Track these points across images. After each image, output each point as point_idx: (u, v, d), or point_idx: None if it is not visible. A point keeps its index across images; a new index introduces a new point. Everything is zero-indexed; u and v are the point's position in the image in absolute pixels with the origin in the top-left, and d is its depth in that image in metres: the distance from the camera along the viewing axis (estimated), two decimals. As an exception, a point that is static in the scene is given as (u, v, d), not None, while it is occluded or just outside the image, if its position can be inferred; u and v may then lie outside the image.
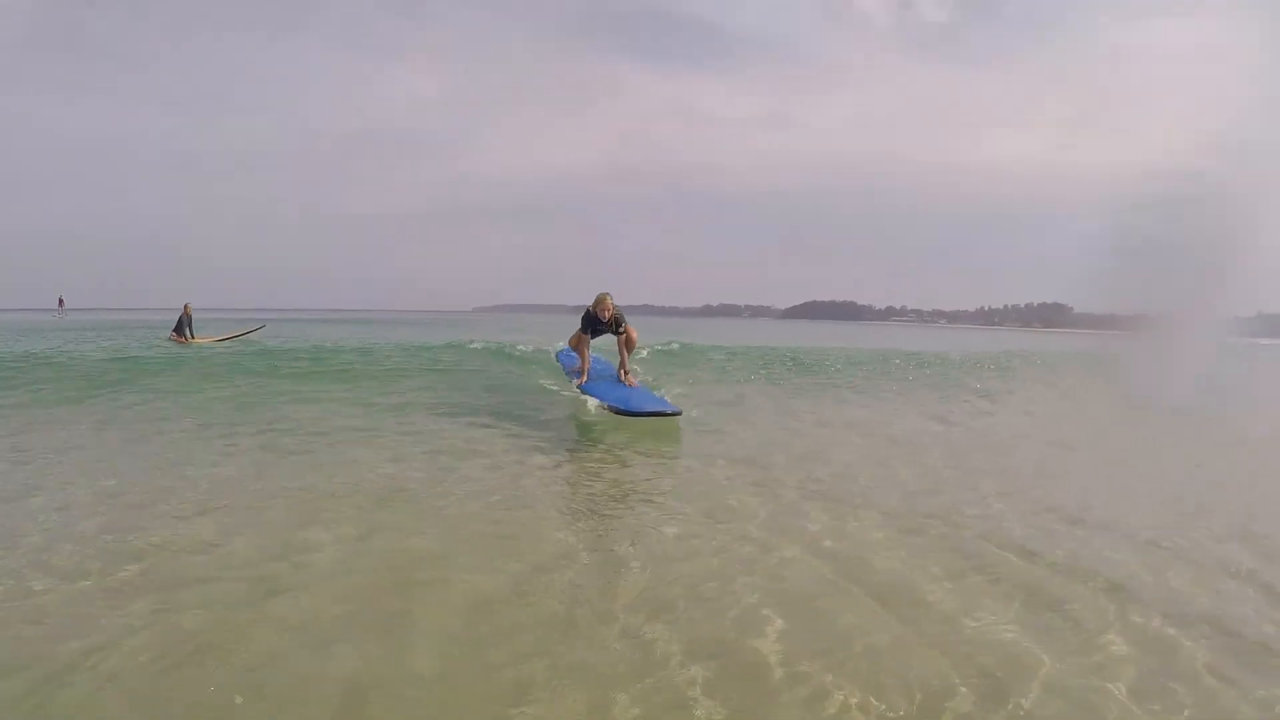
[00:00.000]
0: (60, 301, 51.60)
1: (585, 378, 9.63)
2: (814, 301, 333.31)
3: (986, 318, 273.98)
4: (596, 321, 9.10)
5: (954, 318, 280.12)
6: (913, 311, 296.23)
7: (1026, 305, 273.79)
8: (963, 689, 2.75)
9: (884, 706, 2.62)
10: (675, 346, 16.50)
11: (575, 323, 9.58)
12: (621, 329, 9.15)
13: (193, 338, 19.83)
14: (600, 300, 8.99)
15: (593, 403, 8.73)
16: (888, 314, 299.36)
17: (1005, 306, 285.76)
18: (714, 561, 3.89)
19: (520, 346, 14.96)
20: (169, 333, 20.68)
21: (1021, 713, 2.62)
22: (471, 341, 15.13)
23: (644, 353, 14.17)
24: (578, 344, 9.71)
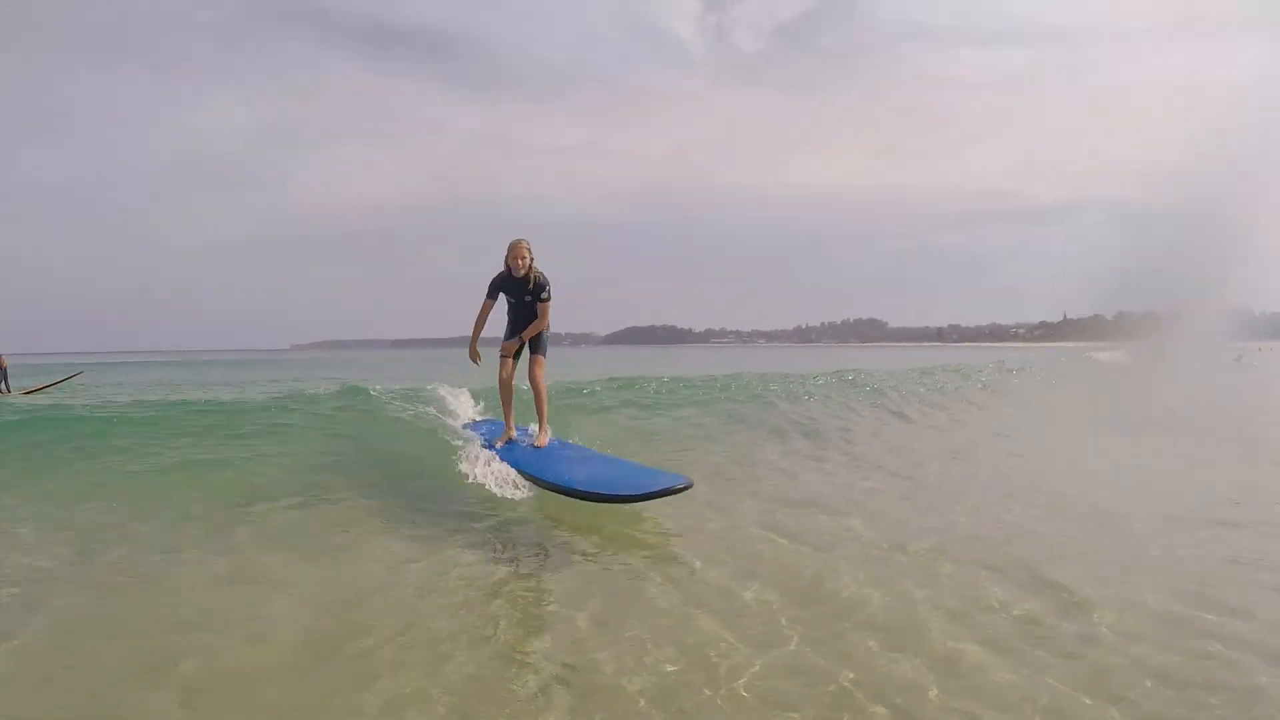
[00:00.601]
0: None
1: (510, 424, 7.13)
2: (634, 327, 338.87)
3: (804, 335, 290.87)
4: (508, 280, 6.72)
5: (773, 337, 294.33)
6: (732, 333, 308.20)
7: (843, 322, 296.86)
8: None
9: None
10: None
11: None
12: (545, 295, 6.75)
13: (8, 390, 18.80)
14: (514, 247, 6.62)
15: (506, 474, 6.47)
16: (707, 336, 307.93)
17: (822, 324, 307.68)
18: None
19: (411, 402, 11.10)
20: None
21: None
22: (371, 388, 10.22)
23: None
24: (479, 324, 6.94)
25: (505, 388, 6.98)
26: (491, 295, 6.75)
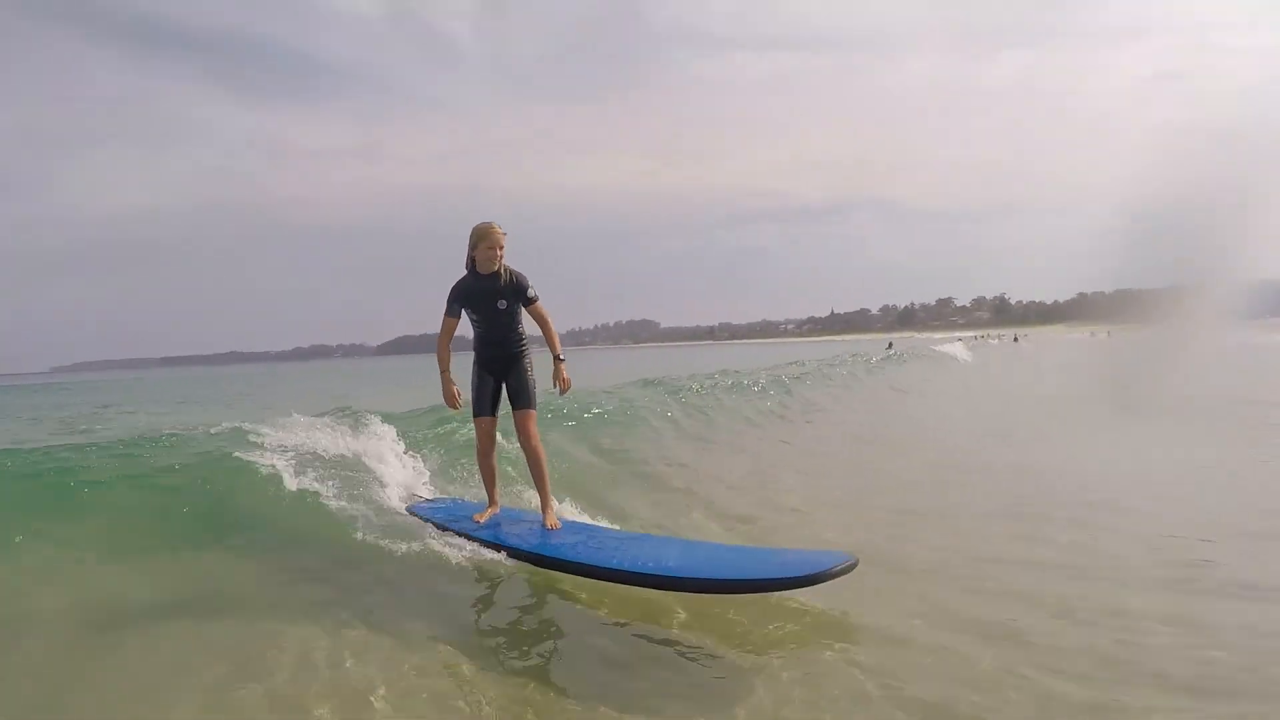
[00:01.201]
0: None
1: (496, 499, 5.35)
2: (407, 336, 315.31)
3: (577, 339, 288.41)
4: (473, 285, 5.02)
5: (544, 342, 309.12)
6: None
7: (616, 324, 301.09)
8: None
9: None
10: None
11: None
12: (532, 295, 5.07)
13: None
14: (488, 234, 4.92)
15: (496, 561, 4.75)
16: None
17: (596, 326, 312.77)
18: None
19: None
20: None
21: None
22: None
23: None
24: (445, 352, 5.16)
25: (487, 460, 5.27)
26: (452, 311, 5.06)
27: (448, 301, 5.01)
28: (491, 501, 5.30)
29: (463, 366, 5.12)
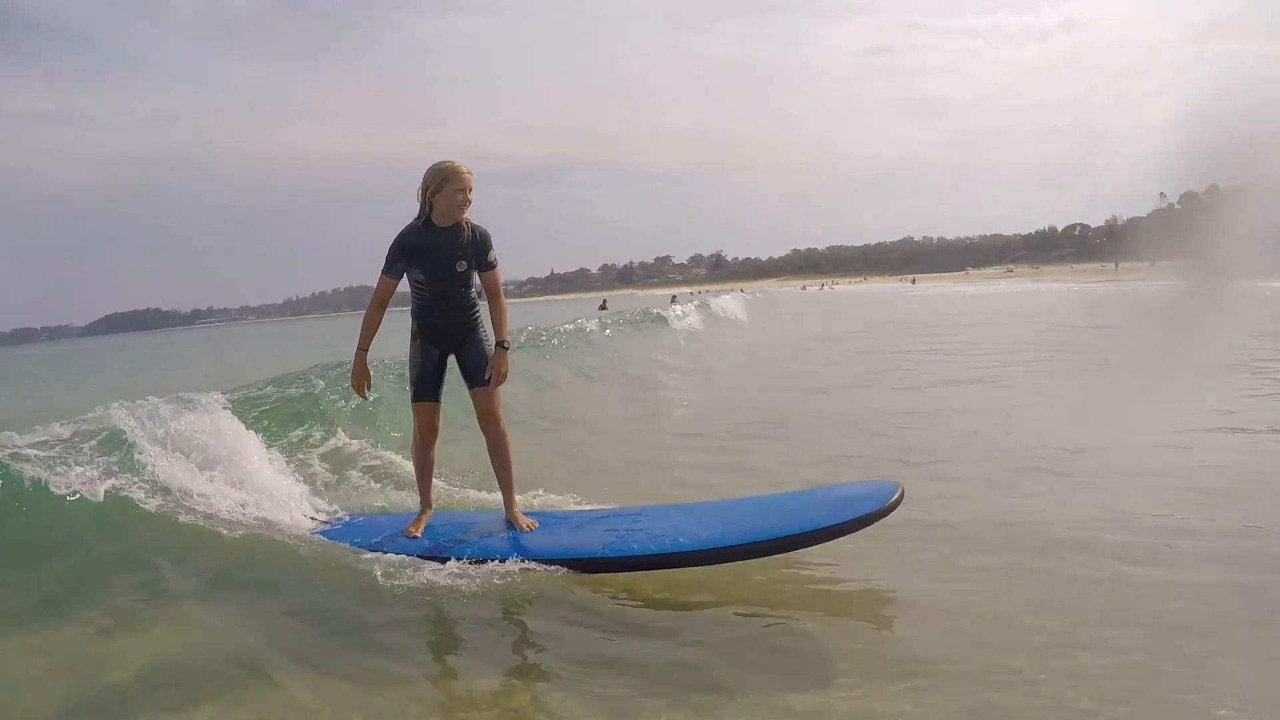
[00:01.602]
0: None
1: (429, 502, 4.41)
2: (117, 314, 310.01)
3: (295, 308, 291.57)
4: (426, 237, 4.05)
5: (263, 313, 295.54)
6: (220, 311, 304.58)
7: (334, 291, 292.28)
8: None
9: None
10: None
11: None
12: (492, 259, 4.17)
13: None
14: (458, 175, 3.97)
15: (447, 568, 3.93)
16: (194, 318, 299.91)
17: (313, 295, 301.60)
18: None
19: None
20: None
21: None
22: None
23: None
24: (375, 320, 4.20)
25: (426, 454, 4.31)
26: (394, 270, 4.05)
27: (389, 257, 4.00)
28: (426, 505, 4.32)
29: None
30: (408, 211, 4.14)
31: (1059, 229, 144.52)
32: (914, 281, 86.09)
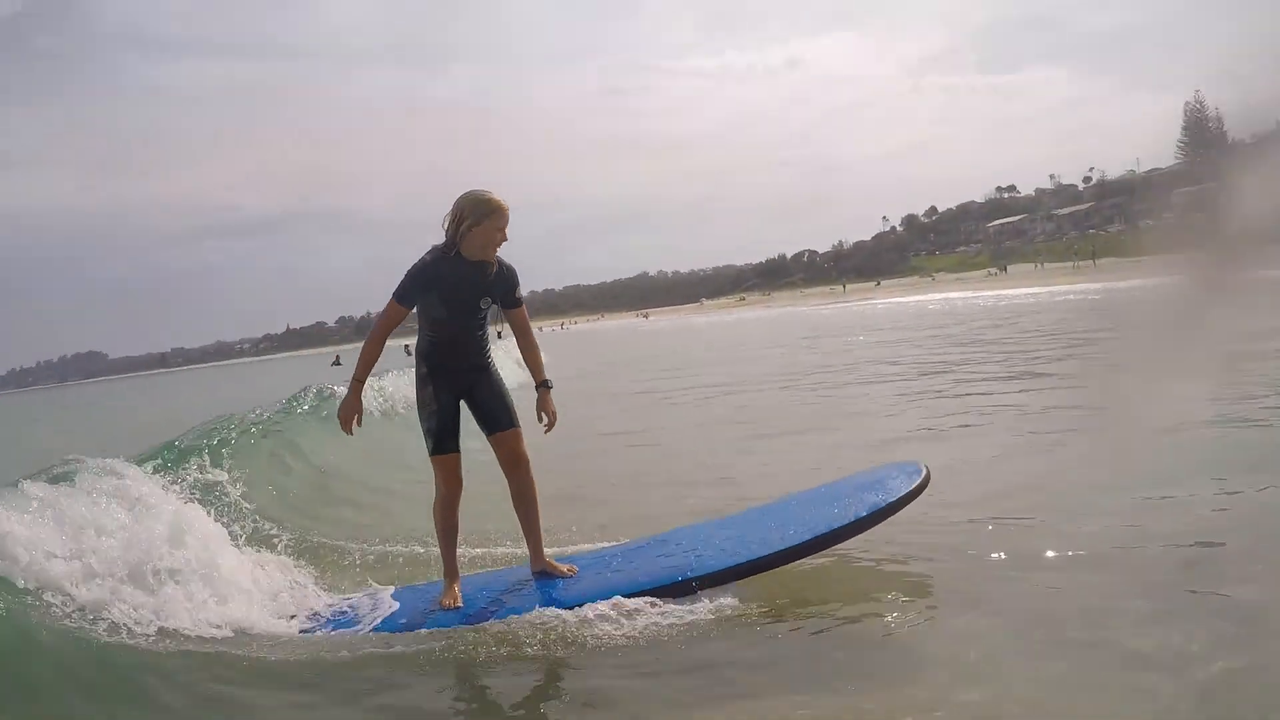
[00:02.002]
0: None
1: (456, 574, 3.90)
2: None
3: (20, 379, 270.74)
4: (454, 268, 3.69)
5: None
6: None
7: (60, 359, 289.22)
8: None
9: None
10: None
11: None
12: (519, 298, 3.91)
13: None
14: (500, 209, 3.67)
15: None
16: None
17: (38, 364, 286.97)
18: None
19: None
20: None
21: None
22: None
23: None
24: (376, 351, 3.84)
25: (451, 514, 3.88)
26: (409, 299, 3.68)
27: (407, 283, 3.64)
28: (453, 573, 3.84)
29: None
30: (136, 269, 65.87)
31: (789, 256, 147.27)
32: (647, 316, 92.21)
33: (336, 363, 41.94)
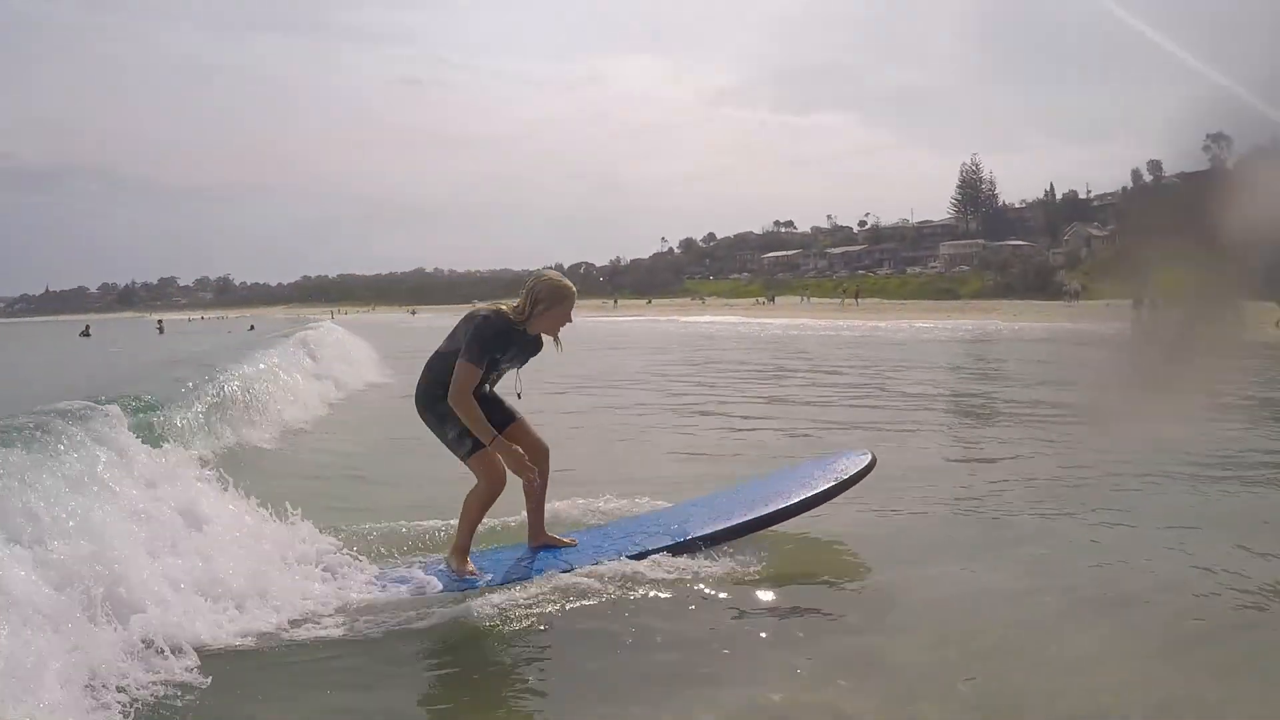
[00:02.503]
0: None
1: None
2: None
3: None
4: (524, 337, 4.29)
5: None
6: None
7: None
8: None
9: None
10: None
11: None
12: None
13: None
14: (571, 296, 4.23)
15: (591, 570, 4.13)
16: None
17: None
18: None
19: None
20: None
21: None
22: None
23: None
24: (467, 396, 4.08)
25: (485, 509, 4.32)
26: (483, 361, 4.09)
27: (482, 348, 4.05)
28: (467, 550, 4.28)
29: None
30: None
31: (566, 266, 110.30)
32: (414, 312, 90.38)
33: (85, 333, 40.74)
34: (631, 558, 4.21)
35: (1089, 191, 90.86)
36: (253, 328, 41.41)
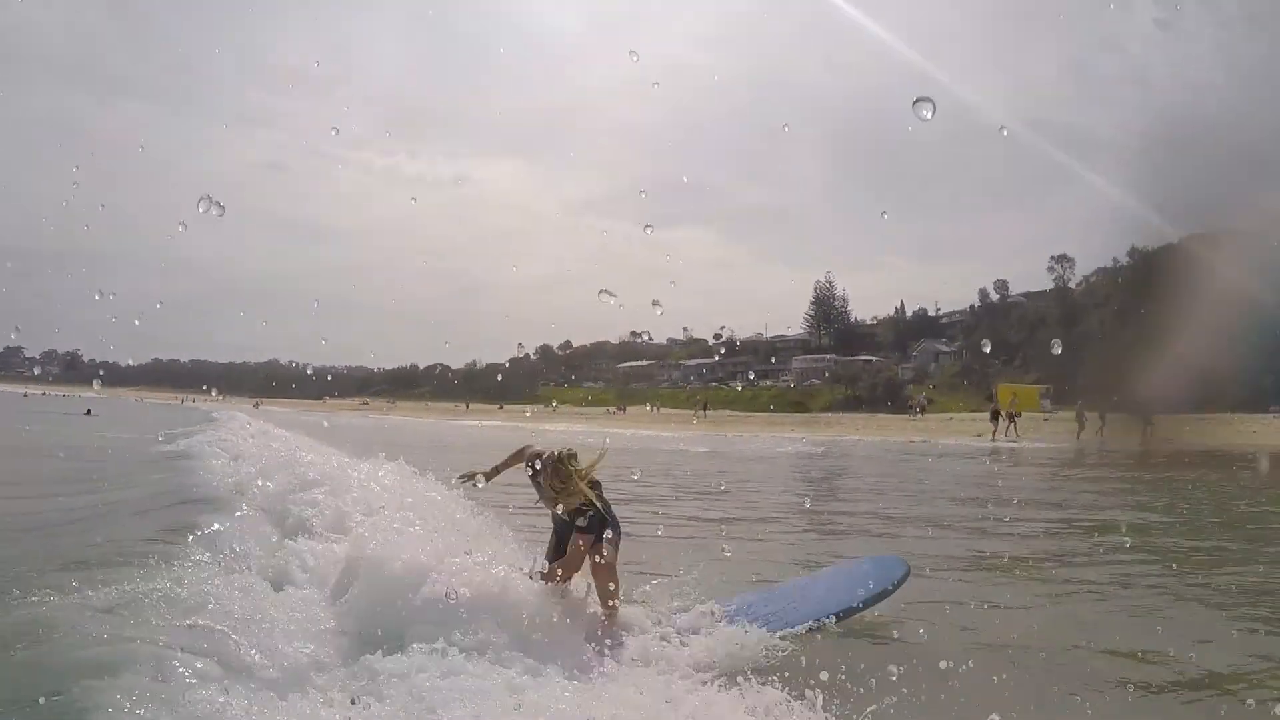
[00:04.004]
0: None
1: None
2: None
3: None
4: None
5: None
6: None
7: None
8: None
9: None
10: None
11: None
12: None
13: None
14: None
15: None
16: None
17: None
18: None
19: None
20: None
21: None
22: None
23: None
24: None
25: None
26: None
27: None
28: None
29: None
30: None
31: (420, 367, 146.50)
32: (257, 405, 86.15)
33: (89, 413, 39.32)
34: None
35: (938, 309, 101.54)
36: (90, 412, 39.97)
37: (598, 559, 5.11)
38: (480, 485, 5.49)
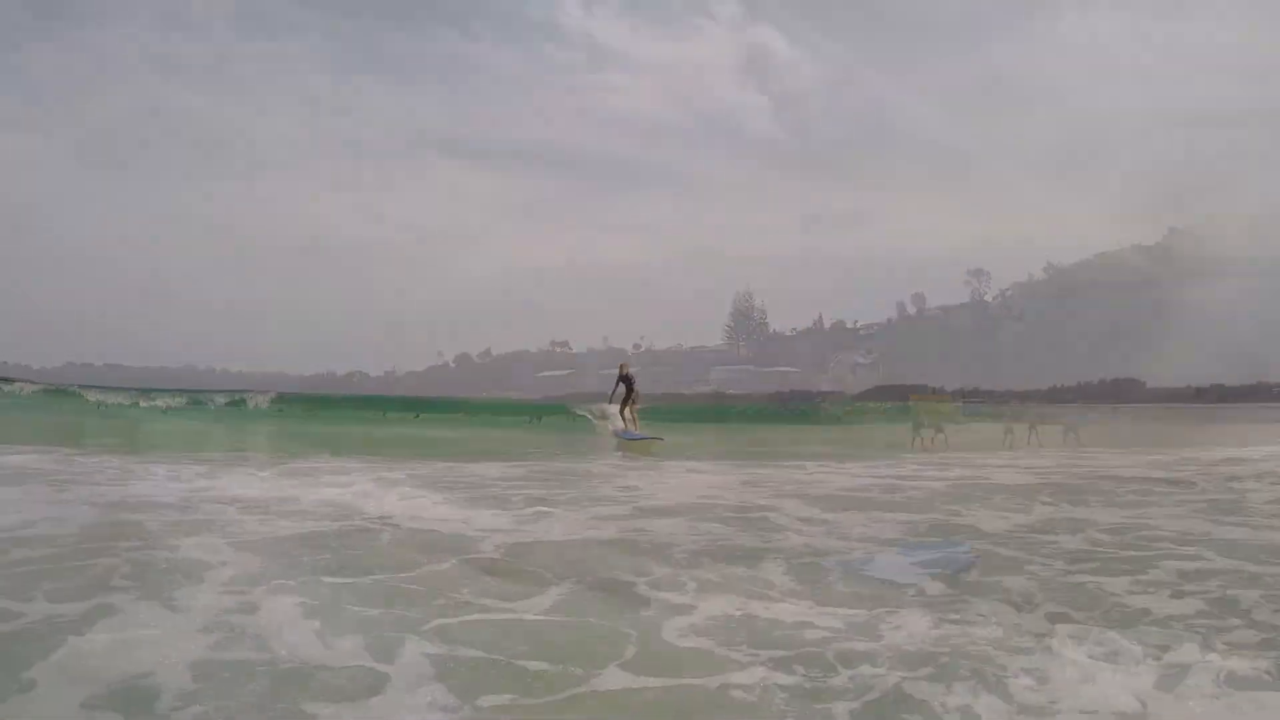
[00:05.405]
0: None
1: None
2: None
3: None
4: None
5: None
6: None
7: None
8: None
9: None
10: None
11: None
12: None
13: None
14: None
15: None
16: None
17: None
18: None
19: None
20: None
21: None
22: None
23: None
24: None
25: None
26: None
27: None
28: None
29: None
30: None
31: (339, 374, 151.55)
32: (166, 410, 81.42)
33: None
34: None
35: (856, 322, 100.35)
36: None
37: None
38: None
